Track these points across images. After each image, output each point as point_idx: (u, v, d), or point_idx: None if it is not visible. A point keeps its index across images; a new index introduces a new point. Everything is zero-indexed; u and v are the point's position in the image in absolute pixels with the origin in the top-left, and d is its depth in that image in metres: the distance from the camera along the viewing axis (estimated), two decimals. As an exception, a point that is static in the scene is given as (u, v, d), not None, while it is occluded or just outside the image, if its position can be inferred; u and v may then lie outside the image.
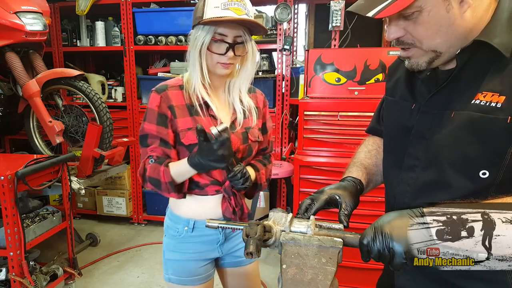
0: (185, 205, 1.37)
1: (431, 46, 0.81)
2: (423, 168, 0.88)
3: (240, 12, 1.18)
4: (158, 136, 1.27)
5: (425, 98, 0.89)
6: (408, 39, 0.82)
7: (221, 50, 1.22)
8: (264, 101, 1.46)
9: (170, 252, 1.39)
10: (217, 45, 1.22)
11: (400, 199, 0.94)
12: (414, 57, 0.85)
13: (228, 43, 1.21)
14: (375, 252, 0.76)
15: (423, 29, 0.79)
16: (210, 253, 1.40)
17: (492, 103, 0.76)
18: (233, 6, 1.17)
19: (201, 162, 1.16)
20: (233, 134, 1.31)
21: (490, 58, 0.79)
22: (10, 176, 1.99)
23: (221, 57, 1.23)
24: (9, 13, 2.56)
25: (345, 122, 2.34)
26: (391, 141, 1.02)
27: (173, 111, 1.28)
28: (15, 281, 2.07)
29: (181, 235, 1.36)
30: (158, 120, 1.27)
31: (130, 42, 3.52)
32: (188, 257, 1.37)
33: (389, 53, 2.32)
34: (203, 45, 1.21)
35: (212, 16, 1.17)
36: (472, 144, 0.78)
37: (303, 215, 0.94)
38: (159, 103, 1.27)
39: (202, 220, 1.34)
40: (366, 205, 2.21)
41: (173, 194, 1.26)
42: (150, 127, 1.28)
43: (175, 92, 1.30)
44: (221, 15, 1.17)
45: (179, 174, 1.24)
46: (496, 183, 0.78)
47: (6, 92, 2.92)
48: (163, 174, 1.22)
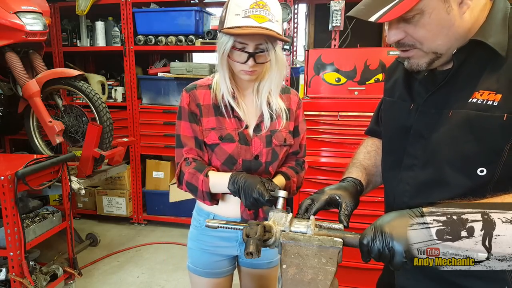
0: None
1: (432, 47, 0.81)
2: (422, 167, 0.88)
3: (261, 20, 1.12)
4: (192, 136, 1.29)
5: (423, 98, 0.90)
6: (409, 41, 0.82)
7: (242, 59, 1.19)
8: (298, 102, 1.40)
9: (191, 241, 1.44)
10: (238, 53, 1.19)
11: (399, 199, 0.94)
12: (415, 58, 0.85)
13: (249, 52, 1.18)
14: (375, 252, 0.76)
15: (424, 31, 0.79)
16: (228, 250, 1.41)
17: (489, 101, 0.77)
18: (254, 13, 1.12)
19: (240, 195, 1.16)
20: (256, 137, 1.30)
21: (486, 57, 0.80)
22: (10, 176, 1.99)
23: (242, 65, 1.20)
24: (9, 13, 2.56)
25: (345, 122, 2.34)
26: (390, 141, 1.02)
27: (200, 110, 1.29)
28: (15, 281, 2.07)
29: (202, 226, 1.39)
30: (189, 118, 1.28)
31: (130, 42, 3.52)
32: (205, 249, 1.40)
33: (389, 53, 2.32)
34: (224, 53, 1.20)
35: (233, 25, 1.14)
36: (470, 142, 0.79)
37: (303, 215, 0.94)
38: (189, 101, 1.29)
39: (221, 216, 1.36)
40: (366, 205, 2.21)
41: (207, 202, 1.27)
42: (184, 125, 1.29)
43: (203, 91, 1.31)
44: (241, 24, 1.12)
45: (216, 187, 1.24)
46: (494, 181, 0.79)
47: (6, 92, 2.92)
48: (201, 183, 1.23)
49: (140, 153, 3.74)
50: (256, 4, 1.12)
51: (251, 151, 1.29)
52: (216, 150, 1.28)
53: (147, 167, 3.85)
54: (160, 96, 3.61)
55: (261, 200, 1.08)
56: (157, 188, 3.83)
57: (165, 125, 3.55)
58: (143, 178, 3.88)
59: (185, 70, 3.37)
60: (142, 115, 3.66)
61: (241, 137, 1.28)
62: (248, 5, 1.12)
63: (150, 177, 3.86)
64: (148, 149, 3.71)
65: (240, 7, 1.13)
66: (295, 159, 1.45)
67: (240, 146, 1.28)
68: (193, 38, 3.38)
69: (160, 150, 3.66)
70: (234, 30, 1.13)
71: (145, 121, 3.65)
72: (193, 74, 3.33)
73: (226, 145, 1.27)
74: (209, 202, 1.26)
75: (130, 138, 3.36)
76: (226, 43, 1.17)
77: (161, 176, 3.80)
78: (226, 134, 1.27)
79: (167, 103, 3.60)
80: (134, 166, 3.77)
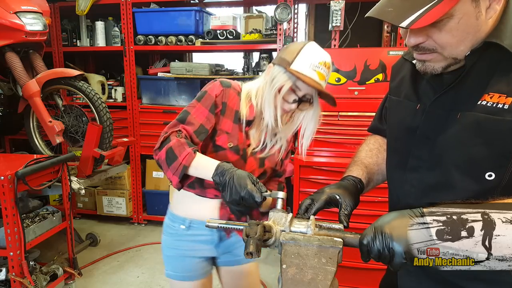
0: (184, 205, 1.41)
1: (453, 53, 0.78)
2: (428, 169, 0.87)
3: (322, 77, 1.21)
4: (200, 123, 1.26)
5: (430, 98, 0.88)
6: (430, 45, 0.78)
7: (289, 99, 1.25)
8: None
9: (168, 249, 1.44)
10: (288, 93, 1.24)
11: (404, 200, 0.93)
12: (432, 62, 0.82)
13: (298, 96, 1.25)
14: (375, 252, 0.76)
15: (449, 37, 0.76)
16: (206, 252, 1.43)
17: (499, 104, 0.75)
18: (319, 69, 1.20)
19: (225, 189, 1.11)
20: (252, 157, 1.35)
21: (497, 59, 0.78)
22: (10, 176, 1.99)
23: (286, 103, 1.26)
24: (9, 13, 2.56)
25: (345, 122, 2.34)
26: (395, 141, 1.01)
27: (224, 108, 1.31)
28: (15, 281, 2.07)
29: (177, 232, 1.41)
30: (211, 107, 1.29)
31: (130, 42, 3.52)
32: (184, 254, 1.41)
33: (389, 53, 2.32)
34: (280, 90, 1.24)
35: (300, 71, 1.19)
36: (478, 146, 0.78)
37: (303, 215, 0.94)
38: (219, 94, 1.30)
39: (198, 220, 1.37)
40: (366, 205, 2.21)
41: (174, 177, 1.19)
42: (200, 109, 1.28)
43: (234, 93, 1.33)
44: (306, 72, 1.19)
45: (199, 170, 1.19)
46: (502, 185, 0.77)
47: (6, 92, 2.92)
48: (186, 156, 1.17)
49: (140, 153, 3.74)
50: (324, 63, 1.21)
51: (245, 168, 1.32)
52: (220, 153, 1.31)
53: (147, 167, 3.86)
54: (160, 96, 3.61)
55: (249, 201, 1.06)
56: (157, 188, 3.83)
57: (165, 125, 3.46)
58: (143, 178, 3.88)
59: (185, 70, 3.37)
60: (142, 115, 3.66)
61: (243, 153, 1.34)
62: (318, 61, 1.20)
63: (150, 177, 3.86)
64: (148, 149, 3.70)
65: (313, 59, 1.20)
66: (277, 182, 1.49)
67: (239, 160, 1.33)
68: (193, 38, 3.38)
69: (160, 150, 3.66)
70: (301, 76, 1.19)
71: (145, 121, 3.65)
72: (193, 74, 3.34)
73: (231, 154, 1.31)
74: (177, 179, 1.19)
75: (130, 138, 3.36)
76: (286, 82, 1.22)
77: (161, 176, 3.80)
78: (235, 145, 1.32)
79: (167, 103, 3.60)
80: (134, 166, 3.77)
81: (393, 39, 3.44)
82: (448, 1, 0.71)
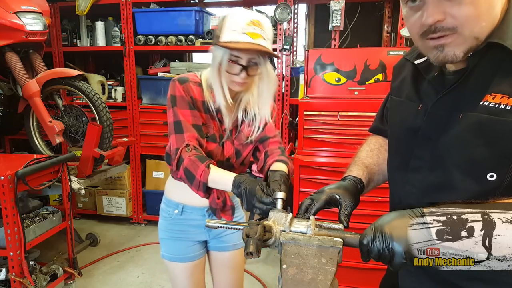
0: (178, 191, 1.49)
1: (475, 31, 0.74)
2: (429, 170, 0.87)
3: (256, 36, 1.20)
4: (192, 123, 1.30)
5: (431, 98, 0.88)
6: (449, 24, 0.73)
7: (235, 71, 1.27)
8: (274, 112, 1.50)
9: (163, 232, 1.54)
10: (231, 65, 1.26)
11: (405, 201, 0.93)
12: (452, 45, 0.76)
13: (242, 65, 1.25)
14: (375, 252, 0.76)
15: (470, 9, 0.71)
16: (198, 236, 1.53)
17: (502, 105, 0.75)
18: (250, 30, 1.20)
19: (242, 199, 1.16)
20: (228, 141, 1.40)
21: (500, 60, 0.77)
22: (10, 176, 1.99)
23: (235, 76, 1.27)
24: (9, 13, 2.56)
25: (345, 122, 2.33)
26: (396, 142, 1.00)
27: (194, 102, 1.33)
28: (15, 281, 2.07)
29: (171, 217, 1.50)
30: (190, 105, 1.31)
31: (130, 42, 3.52)
32: (177, 236, 1.51)
33: (389, 53, 2.32)
34: (220, 65, 1.27)
35: (229, 40, 1.21)
36: (480, 146, 0.77)
37: (303, 215, 0.94)
38: (183, 91, 1.32)
39: (190, 205, 1.48)
40: (366, 205, 2.21)
41: (199, 193, 1.26)
42: (184, 112, 1.31)
43: (194, 86, 1.35)
44: (238, 39, 1.20)
45: (218, 184, 1.24)
46: (503, 186, 0.77)
47: (6, 92, 2.92)
48: (201, 173, 1.22)
49: (140, 153, 3.74)
50: (252, 22, 1.20)
51: (224, 154, 1.40)
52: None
53: (147, 167, 3.86)
54: (160, 96, 3.61)
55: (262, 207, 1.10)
56: (157, 188, 3.83)
57: (165, 125, 3.53)
58: (143, 178, 3.88)
59: (185, 70, 3.37)
60: (142, 115, 3.66)
61: (220, 139, 1.39)
62: (244, 22, 1.20)
63: (150, 177, 3.86)
64: (148, 149, 3.71)
65: (237, 24, 1.20)
66: (278, 146, 1.48)
67: (218, 147, 1.38)
68: (193, 38, 3.38)
69: (160, 150, 3.66)
70: (231, 44, 1.20)
71: (145, 121, 3.65)
72: (193, 74, 3.33)
73: (209, 144, 1.36)
74: (203, 193, 1.25)
75: (130, 138, 3.36)
76: (222, 56, 1.24)
77: (161, 176, 3.81)
78: (212, 134, 1.37)
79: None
80: (134, 166, 3.77)
81: (393, 39, 3.44)
82: None
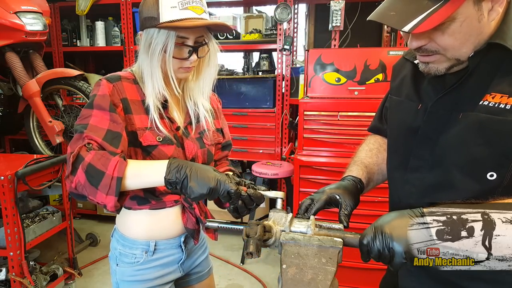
0: (141, 225, 1.18)
1: (456, 55, 0.79)
2: (429, 169, 0.87)
3: (199, 11, 1.04)
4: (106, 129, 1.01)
5: (431, 98, 0.88)
6: (432, 47, 0.78)
7: (183, 55, 1.08)
8: (217, 99, 1.34)
9: (128, 283, 1.21)
10: (177, 49, 1.06)
11: (405, 200, 0.93)
12: (435, 63, 0.82)
13: (191, 46, 1.07)
14: (375, 252, 0.76)
15: (451, 39, 0.76)
16: (171, 275, 1.25)
17: (501, 104, 0.75)
18: (191, 4, 1.03)
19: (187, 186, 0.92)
20: (187, 139, 1.18)
21: (499, 60, 0.78)
22: (10, 176, 1.99)
23: (182, 61, 1.08)
24: (9, 13, 2.57)
25: (345, 122, 2.33)
26: (396, 141, 1.00)
27: (128, 106, 1.08)
28: (15, 281, 2.07)
29: (139, 261, 1.19)
30: (110, 107, 1.03)
31: (130, 42, 3.52)
32: (149, 284, 1.21)
33: (389, 53, 2.32)
34: (166, 52, 1.05)
35: (171, 19, 1.01)
36: (480, 146, 0.77)
37: (303, 215, 0.94)
38: (111, 91, 1.06)
39: (163, 240, 1.20)
40: (366, 205, 2.21)
41: (110, 198, 0.93)
42: (100, 114, 1.02)
43: (129, 85, 1.11)
44: (181, 16, 1.02)
45: (138, 175, 0.97)
46: (503, 185, 0.77)
47: (6, 92, 2.92)
48: (115, 166, 0.93)
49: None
50: None
51: (186, 154, 1.17)
52: (154, 153, 1.10)
53: (147, 167, 3.85)
54: (160, 96, 3.60)
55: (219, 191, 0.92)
56: (157, 188, 3.82)
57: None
58: (143, 178, 3.87)
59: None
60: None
61: (177, 139, 1.15)
62: None
63: (150, 177, 3.85)
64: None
65: None
66: (225, 157, 1.39)
67: (177, 149, 1.14)
68: (193, 38, 3.37)
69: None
70: (177, 23, 1.01)
71: (145, 121, 3.65)
72: (193, 74, 3.33)
73: (166, 147, 1.11)
74: (113, 198, 0.93)
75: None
76: (166, 40, 1.03)
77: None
78: (165, 136, 1.11)
79: (167, 103, 3.59)
80: (134, 166, 3.76)
81: (393, 39, 3.44)
82: (450, 5, 0.71)
